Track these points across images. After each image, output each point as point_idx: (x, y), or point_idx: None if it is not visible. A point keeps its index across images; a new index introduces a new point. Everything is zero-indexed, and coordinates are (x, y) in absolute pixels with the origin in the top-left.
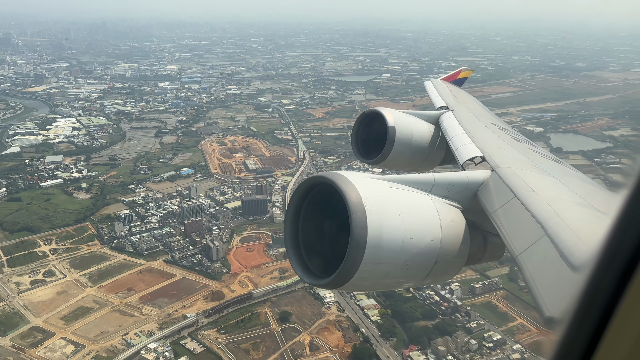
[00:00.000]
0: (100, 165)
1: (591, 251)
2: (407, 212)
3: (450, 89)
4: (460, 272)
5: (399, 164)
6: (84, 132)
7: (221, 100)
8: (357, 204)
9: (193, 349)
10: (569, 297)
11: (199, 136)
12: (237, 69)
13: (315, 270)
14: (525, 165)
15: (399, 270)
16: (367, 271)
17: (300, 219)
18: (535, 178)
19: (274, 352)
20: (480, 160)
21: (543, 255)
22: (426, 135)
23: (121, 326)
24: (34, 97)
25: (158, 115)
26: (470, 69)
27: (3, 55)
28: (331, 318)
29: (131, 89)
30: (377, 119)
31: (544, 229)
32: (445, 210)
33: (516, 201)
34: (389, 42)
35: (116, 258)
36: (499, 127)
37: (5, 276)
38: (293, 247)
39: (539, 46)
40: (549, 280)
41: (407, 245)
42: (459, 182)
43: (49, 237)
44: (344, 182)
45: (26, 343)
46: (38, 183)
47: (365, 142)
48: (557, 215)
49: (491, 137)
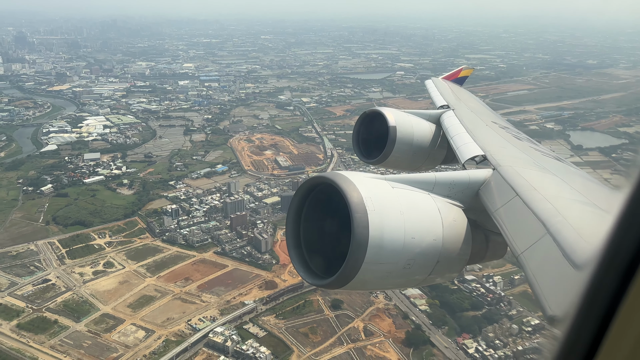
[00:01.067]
0: (137, 162)
1: (593, 249)
2: (409, 211)
3: (451, 87)
4: (500, 265)
5: (400, 164)
6: (115, 130)
7: (242, 98)
8: (359, 204)
9: (256, 333)
10: (572, 295)
11: (227, 134)
12: (252, 67)
13: (317, 271)
14: (526, 163)
15: (401, 270)
16: (369, 271)
17: (302, 220)
18: (537, 176)
19: (332, 336)
20: (482, 159)
21: (545, 253)
22: (427, 135)
23: (184, 313)
24: (59, 95)
25: (183, 114)
26: (471, 68)
27: (21, 54)
28: (380, 306)
29: (153, 87)
30: (378, 118)
31: (545, 227)
32: (446, 209)
33: (518, 200)
34: (398, 40)
35: (169, 250)
36: (500, 126)
37: (68, 267)
38: (295, 247)
39: (549, 43)
40: (552, 279)
41: (409, 244)
42: (461, 181)
43: (102, 231)
44: (345, 182)
45: (100, 329)
46: (81, 179)
47: (367, 142)
48: (559, 213)
49: (492, 135)
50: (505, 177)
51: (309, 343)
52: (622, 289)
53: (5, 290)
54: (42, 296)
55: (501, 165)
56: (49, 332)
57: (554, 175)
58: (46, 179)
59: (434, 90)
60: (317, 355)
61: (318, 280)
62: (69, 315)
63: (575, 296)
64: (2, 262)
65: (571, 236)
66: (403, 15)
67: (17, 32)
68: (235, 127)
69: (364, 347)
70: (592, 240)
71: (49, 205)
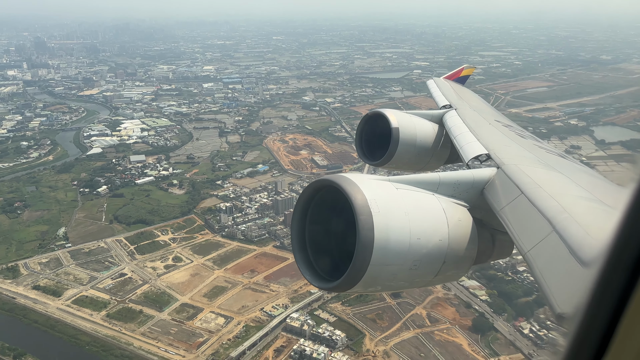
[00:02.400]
0: (181, 164)
1: (600, 246)
2: (414, 212)
3: (453, 87)
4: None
5: (404, 165)
6: (152, 133)
7: (268, 100)
8: (363, 206)
9: (327, 319)
10: (580, 292)
11: (260, 135)
12: (270, 68)
13: (322, 273)
14: (531, 161)
15: (407, 271)
16: (375, 273)
17: (307, 222)
18: (542, 174)
19: (397, 322)
20: (486, 158)
21: (552, 251)
22: (430, 135)
23: (257, 301)
24: (90, 100)
25: (214, 116)
26: (473, 67)
27: (44, 59)
28: (440, 295)
29: (179, 91)
30: (380, 120)
31: (552, 225)
32: (451, 209)
33: (523, 198)
34: (409, 38)
35: (230, 245)
36: (504, 124)
37: (140, 262)
38: (300, 250)
39: (560, 39)
40: (559, 277)
41: (415, 245)
42: (465, 180)
43: (163, 228)
44: (349, 184)
45: (182, 317)
46: (133, 180)
47: (370, 144)
48: (565, 210)
49: (496, 134)
50: (510, 175)
51: (378, 327)
52: (631, 284)
53: (87, 284)
54: (122, 289)
55: (505, 163)
56: (136, 321)
57: (559, 172)
58: (99, 181)
59: (435, 90)
60: (387, 339)
61: (324, 283)
62: (152, 306)
63: (583, 293)
64: (78, 258)
65: (578, 233)
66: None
67: (34, 38)
68: (267, 128)
69: (431, 332)
70: (599, 236)
71: (108, 205)
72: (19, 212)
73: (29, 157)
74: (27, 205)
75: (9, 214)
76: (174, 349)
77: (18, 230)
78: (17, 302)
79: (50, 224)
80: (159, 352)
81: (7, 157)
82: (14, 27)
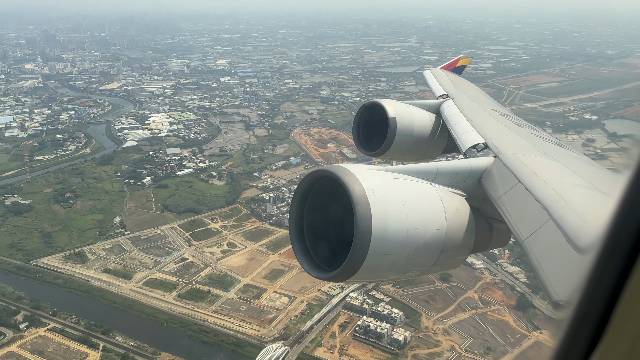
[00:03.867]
0: (215, 156)
1: (597, 233)
2: (411, 202)
3: (449, 77)
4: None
5: (402, 155)
6: (181, 127)
7: (286, 94)
8: (361, 196)
9: (382, 299)
10: (577, 279)
11: (285, 128)
12: (282, 62)
13: (321, 264)
14: (528, 150)
15: (405, 261)
16: (374, 263)
17: (305, 213)
18: (539, 163)
19: (451, 304)
20: (483, 147)
21: (549, 239)
22: (427, 125)
23: (314, 282)
24: (112, 94)
25: (237, 110)
26: (469, 57)
27: (55, 52)
28: (488, 280)
29: (197, 85)
30: (377, 110)
31: (549, 213)
32: (449, 198)
33: (520, 186)
34: (414, 32)
35: (279, 232)
36: (500, 113)
37: (198, 248)
38: (298, 241)
39: (565, 33)
40: (556, 264)
41: (413, 235)
42: (462, 169)
43: (213, 217)
44: (347, 174)
45: (248, 296)
46: (174, 172)
47: (367, 134)
48: (562, 198)
49: (493, 123)
50: (507, 164)
51: (433, 308)
52: (627, 270)
53: (153, 268)
54: (186, 272)
55: (502, 152)
56: (206, 300)
57: (555, 160)
58: (142, 172)
59: (432, 80)
60: (444, 318)
61: (322, 273)
62: (217, 286)
63: (580, 280)
64: (138, 244)
65: (574, 221)
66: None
67: (42, 31)
68: (292, 122)
69: (484, 313)
70: (595, 223)
71: (155, 195)
72: (72, 202)
73: (67, 150)
74: (77, 196)
75: (63, 204)
76: (246, 324)
77: (75, 219)
78: (92, 284)
79: (104, 212)
80: (233, 327)
81: (46, 149)
82: (18, 20)
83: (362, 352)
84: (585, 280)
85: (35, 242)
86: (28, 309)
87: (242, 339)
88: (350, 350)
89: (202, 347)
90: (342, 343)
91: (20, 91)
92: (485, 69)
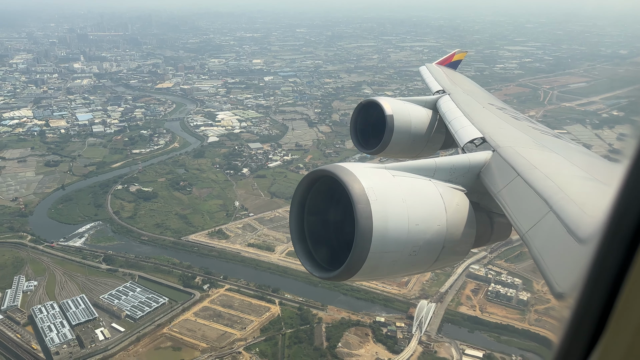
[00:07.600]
0: (293, 150)
1: (597, 223)
2: (411, 198)
3: (445, 72)
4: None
5: (400, 152)
6: (249, 124)
7: (332, 93)
8: (361, 195)
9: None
10: (578, 270)
11: (345, 125)
12: (315, 62)
13: (323, 263)
14: (526, 143)
15: (407, 258)
16: (375, 261)
17: (305, 213)
18: (537, 155)
19: None
20: (481, 142)
21: (550, 231)
22: (425, 121)
23: None
24: (169, 92)
25: (293, 108)
26: (465, 51)
27: (94, 52)
28: None
29: (245, 84)
30: (374, 108)
31: (548, 205)
32: (449, 194)
33: (519, 180)
34: (429, 31)
35: None
36: (497, 107)
37: None
38: (300, 241)
39: (576, 34)
40: (557, 255)
41: (414, 232)
42: (461, 165)
43: None
44: (346, 173)
45: None
46: (265, 164)
47: (364, 132)
48: (561, 190)
49: (490, 117)
50: (506, 157)
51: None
52: (628, 259)
53: (289, 242)
54: None
55: (501, 146)
56: None
57: (554, 152)
58: (237, 164)
59: (428, 76)
60: None
61: (324, 273)
62: None
63: (581, 270)
64: (265, 224)
65: (574, 211)
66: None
67: (68, 29)
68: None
69: None
70: (595, 214)
71: (257, 184)
72: (188, 189)
73: (157, 144)
74: (191, 184)
75: (181, 191)
76: (387, 286)
77: (199, 204)
78: (244, 255)
79: (221, 198)
80: (378, 288)
81: (138, 144)
82: (37, 18)
83: (499, 310)
84: (586, 271)
85: (175, 222)
86: (202, 274)
87: (389, 297)
88: (488, 309)
89: (358, 302)
90: (480, 304)
91: (82, 90)
92: (512, 68)
